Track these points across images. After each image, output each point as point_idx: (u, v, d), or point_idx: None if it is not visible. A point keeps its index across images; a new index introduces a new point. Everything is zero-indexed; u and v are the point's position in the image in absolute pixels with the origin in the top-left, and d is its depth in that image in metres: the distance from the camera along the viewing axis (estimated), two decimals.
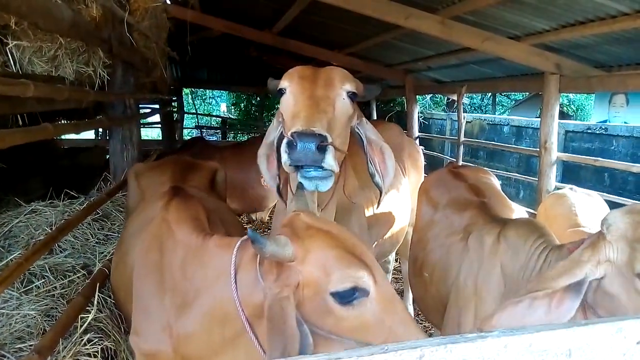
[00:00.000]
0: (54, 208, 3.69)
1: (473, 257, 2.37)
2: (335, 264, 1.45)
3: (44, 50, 3.38)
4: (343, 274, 1.43)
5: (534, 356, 0.86)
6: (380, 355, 0.79)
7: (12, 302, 2.61)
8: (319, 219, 1.62)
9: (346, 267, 1.44)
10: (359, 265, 1.46)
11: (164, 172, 2.84)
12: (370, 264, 1.49)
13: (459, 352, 0.82)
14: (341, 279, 1.42)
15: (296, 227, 1.55)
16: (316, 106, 1.98)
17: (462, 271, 2.40)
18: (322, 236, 1.51)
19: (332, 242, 1.49)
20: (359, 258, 1.48)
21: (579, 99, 17.35)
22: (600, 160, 5.36)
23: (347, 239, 1.52)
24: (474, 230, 2.50)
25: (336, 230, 1.55)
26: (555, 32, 4.63)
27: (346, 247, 1.49)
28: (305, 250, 1.47)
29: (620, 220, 1.64)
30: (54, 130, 2.42)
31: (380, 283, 1.47)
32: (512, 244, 2.16)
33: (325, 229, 1.54)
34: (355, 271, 1.44)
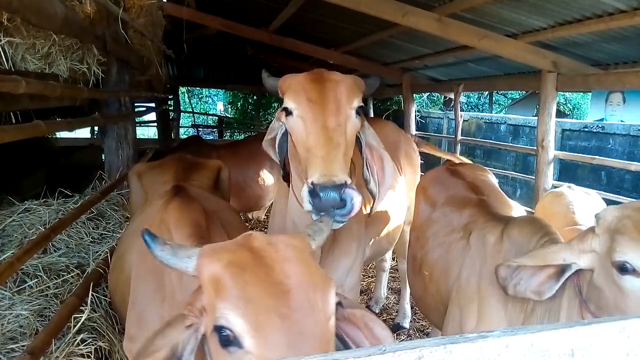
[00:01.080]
0: (48, 207, 3.65)
1: (475, 256, 2.36)
2: (225, 292, 1.21)
3: (37, 47, 3.34)
4: (220, 306, 1.20)
5: (536, 356, 0.83)
6: (378, 356, 0.77)
7: (5, 302, 2.58)
8: (272, 245, 1.34)
9: (225, 304, 1.20)
10: (245, 303, 1.19)
11: (166, 171, 2.81)
12: (266, 319, 1.17)
13: (459, 352, 0.80)
14: (218, 311, 1.21)
15: (237, 242, 1.36)
16: (331, 142, 1.91)
17: (463, 270, 2.38)
18: (242, 258, 1.27)
19: (249, 269, 1.24)
20: (261, 299, 1.19)
21: (575, 98, 17.38)
22: (598, 158, 5.36)
23: (268, 280, 1.23)
24: (474, 228, 2.48)
25: (268, 265, 1.27)
26: (553, 30, 4.62)
27: (260, 282, 1.22)
28: (210, 269, 1.27)
29: (609, 214, 1.73)
30: (47, 127, 2.39)
31: (270, 344, 1.15)
32: (516, 242, 2.16)
33: (258, 256, 1.29)
34: (228, 312, 1.18)
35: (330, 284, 1.30)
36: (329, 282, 1.30)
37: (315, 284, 1.26)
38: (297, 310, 1.19)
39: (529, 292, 1.87)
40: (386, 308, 5.15)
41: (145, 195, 2.73)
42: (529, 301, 2.00)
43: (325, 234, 1.56)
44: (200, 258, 1.30)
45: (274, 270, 1.25)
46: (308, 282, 1.25)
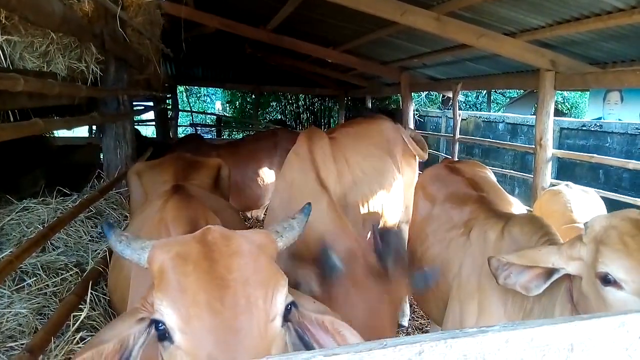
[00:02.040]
0: (47, 205, 3.64)
1: (476, 252, 2.37)
2: (164, 284, 1.19)
3: (36, 45, 3.33)
4: (157, 298, 1.18)
5: (536, 351, 0.84)
6: (379, 350, 0.77)
7: (4, 300, 2.58)
8: (226, 239, 1.30)
9: (160, 296, 1.18)
10: (178, 296, 1.15)
11: (166, 170, 2.81)
12: (207, 316, 1.13)
13: (459, 347, 0.80)
14: (155, 304, 1.18)
15: (192, 235, 1.33)
16: None
17: (464, 266, 2.40)
18: (190, 251, 1.24)
19: (196, 263, 1.21)
20: (201, 297, 1.14)
21: (573, 97, 17.41)
22: (596, 156, 5.37)
23: (208, 274, 1.19)
24: (475, 224, 2.50)
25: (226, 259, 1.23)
26: (551, 29, 4.62)
27: (199, 276, 1.18)
28: (157, 261, 1.24)
29: (597, 223, 1.75)
30: (45, 125, 2.38)
31: (197, 339, 1.11)
32: (517, 240, 2.17)
33: (212, 249, 1.25)
34: (161, 303, 1.16)
35: (280, 283, 1.25)
36: (279, 281, 1.25)
37: (260, 281, 1.21)
38: (231, 307, 1.14)
39: (518, 286, 1.91)
40: None
41: (145, 195, 2.73)
42: (528, 299, 2.02)
43: (297, 232, 1.51)
44: (152, 250, 1.29)
45: (218, 264, 1.21)
46: (252, 279, 1.20)
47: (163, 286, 1.20)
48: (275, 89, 14.51)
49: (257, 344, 1.14)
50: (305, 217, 1.60)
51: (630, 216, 1.73)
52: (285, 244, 1.46)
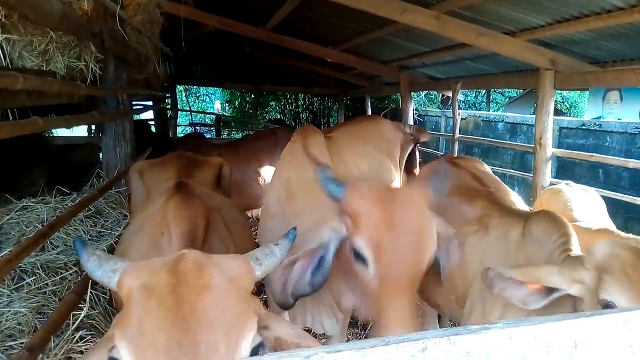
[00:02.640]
0: (46, 204, 3.63)
1: (497, 250, 2.42)
2: (126, 319, 1.17)
3: (35, 44, 3.31)
4: (116, 335, 1.15)
5: (539, 348, 0.83)
6: (382, 347, 0.77)
7: (3, 299, 2.57)
8: (199, 270, 1.27)
9: (120, 334, 1.15)
10: (136, 336, 1.12)
11: (168, 168, 2.80)
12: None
13: (462, 343, 0.79)
14: (115, 340, 1.16)
15: (166, 261, 1.29)
16: (412, 303, 1.87)
17: (484, 263, 2.41)
18: (158, 282, 1.20)
19: (157, 295, 1.17)
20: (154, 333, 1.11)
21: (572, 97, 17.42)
22: (596, 155, 5.37)
23: (171, 313, 1.15)
24: (490, 222, 2.55)
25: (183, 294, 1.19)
26: (551, 27, 4.62)
27: (161, 314, 1.15)
28: (126, 288, 1.22)
29: (599, 251, 1.84)
30: (44, 124, 2.37)
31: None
32: (537, 239, 2.24)
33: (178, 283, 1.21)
34: (120, 341, 1.13)
35: (247, 327, 1.20)
36: (246, 325, 1.21)
37: (225, 325, 1.16)
38: (190, 353, 1.10)
39: (514, 299, 1.98)
40: None
41: (147, 193, 2.72)
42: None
43: (278, 259, 1.47)
44: (122, 274, 1.24)
45: (184, 302, 1.16)
46: (216, 323, 1.15)
47: (124, 322, 1.16)
48: (274, 88, 14.52)
49: None
50: (289, 243, 1.55)
51: (632, 245, 1.82)
52: (264, 272, 1.42)
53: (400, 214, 1.89)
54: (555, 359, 0.84)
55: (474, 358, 0.80)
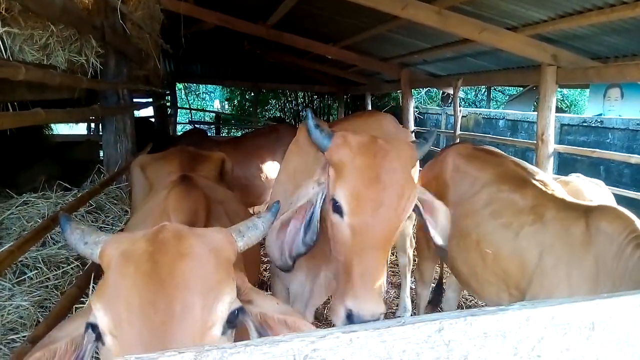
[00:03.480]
0: (47, 200, 3.61)
1: (559, 244, 2.41)
2: (103, 286, 1.18)
3: (35, 38, 3.29)
4: (94, 300, 1.16)
5: (557, 329, 0.82)
6: (398, 327, 0.75)
7: (5, 293, 2.55)
8: (178, 238, 1.28)
9: (96, 298, 1.16)
10: (112, 300, 1.13)
11: (171, 162, 2.77)
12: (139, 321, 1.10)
13: (480, 324, 0.78)
14: (93, 306, 1.17)
15: (147, 231, 1.30)
16: (381, 254, 1.86)
17: (546, 256, 2.42)
18: (137, 250, 1.22)
19: (136, 262, 1.18)
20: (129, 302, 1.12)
21: (573, 95, 17.42)
22: (598, 151, 5.36)
23: (147, 277, 1.16)
24: (546, 213, 2.54)
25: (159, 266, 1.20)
26: (553, 22, 4.60)
27: (137, 279, 1.16)
28: (106, 258, 1.23)
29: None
30: (46, 116, 2.35)
31: (126, 345, 1.10)
32: (606, 235, 2.24)
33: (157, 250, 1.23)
34: (95, 305, 1.14)
35: (224, 291, 1.21)
36: (223, 289, 1.21)
37: (201, 288, 1.17)
38: (164, 313, 1.10)
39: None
40: (386, 302, 5.14)
41: (149, 187, 2.69)
42: (619, 289, 2.07)
43: (261, 232, 1.47)
44: (103, 245, 1.25)
45: (161, 267, 1.17)
46: (193, 285, 1.16)
47: (101, 288, 1.17)
48: (274, 86, 14.48)
49: None
50: (272, 217, 1.55)
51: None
52: (247, 244, 1.42)
53: (384, 169, 1.88)
54: (573, 340, 0.82)
55: (491, 339, 0.78)
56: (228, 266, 1.29)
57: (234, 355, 0.68)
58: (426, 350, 0.75)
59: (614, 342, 0.84)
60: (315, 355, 0.71)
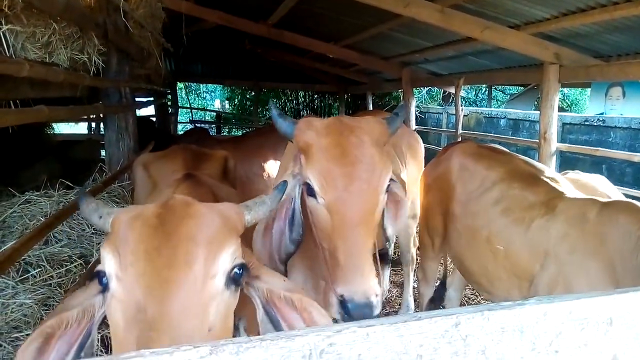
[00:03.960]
0: (49, 198, 3.60)
1: (574, 237, 2.39)
2: (112, 238, 1.23)
3: (38, 35, 3.27)
4: (103, 250, 1.22)
5: (574, 324, 0.81)
6: (414, 322, 0.74)
7: (8, 291, 2.54)
8: (186, 205, 1.33)
9: (105, 244, 1.22)
10: (119, 245, 1.19)
11: (174, 160, 2.77)
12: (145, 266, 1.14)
13: (497, 319, 0.77)
14: (101, 256, 1.23)
15: (160, 201, 1.34)
16: (364, 242, 1.75)
17: (561, 249, 2.40)
18: (147, 212, 1.27)
19: (144, 220, 1.23)
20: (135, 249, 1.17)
21: (573, 94, 17.39)
22: (601, 150, 5.34)
23: (154, 228, 1.22)
24: (558, 207, 2.52)
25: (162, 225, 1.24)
26: (556, 20, 4.59)
27: (144, 229, 1.21)
28: (117, 224, 1.27)
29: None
30: (49, 113, 2.34)
31: (129, 288, 1.13)
32: (623, 228, 2.22)
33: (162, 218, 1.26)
34: (104, 250, 1.21)
35: (228, 243, 1.25)
36: (227, 241, 1.26)
37: (205, 239, 1.21)
38: (168, 258, 1.15)
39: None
40: (389, 301, 5.13)
41: (153, 185, 2.68)
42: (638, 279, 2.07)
43: (268, 207, 1.52)
44: (116, 215, 1.30)
45: (168, 223, 1.22)
46: (197, 237, 1.21)
47: (110, 239, 1.23)
48: (274, 85, 14.47)
49: (190, 298, 1.13)
50: (280, 194, 1.60)
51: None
52: (254, 218, 1.46)
53: (351, 144, 1.82)
54: (591, 335, 0.81)
55: (509, 334, 0.77)
56: (234, 231, 1.33)
57: (250, 350, 0.67)
58: (443, 345, 0.74)
59: (631, 337, 0.83)
60: (331, 350, 0.70)
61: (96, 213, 1.34)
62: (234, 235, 1.31)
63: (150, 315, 1.08)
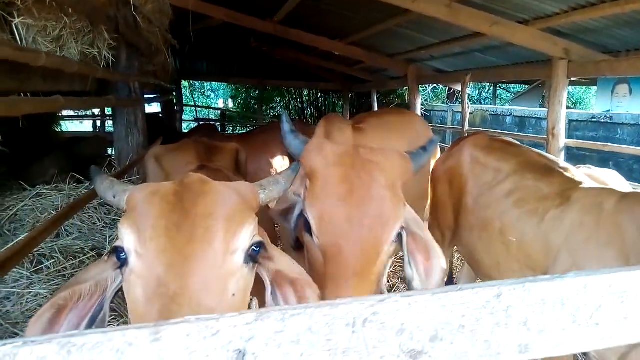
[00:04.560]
0: (60, 192, 3.61)
1: (589, 226, 2.37)
2: (130, 213, 1.23)
3: (49, 29, 3.28)
4: (121, 226, 1.22)
5: (614, 297, 0.80)
6: (456, 292, 0.74)
7: (23, 281, 2.55)
8: (203, 182, 1.34)
9: (123, 221, 1.22)
10: (139, 220, 1.19)
11: (187, 152, 2.77)
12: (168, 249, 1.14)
13: (538, 291, 0.77)
14: (119, 232, 1.24)
15: (176, 183, 1.33)
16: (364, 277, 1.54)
17: (576, 239, 2.38)
18: (164, 189, 1.28)
19: (161, 199, 1.23)
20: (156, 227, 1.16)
21: (578, 92, 17.36)
22: (610, 145, 5.31)
23: (172, 205, 1.22)
24: (573, 196, 2.50)
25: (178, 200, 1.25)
26: (566, 15, 4.57)
27: (163, 205, 1.21)
28: (133, 200, 1.27)
29: None
30: (65, 102, 2.35)
31: (149, 261, 1.13)
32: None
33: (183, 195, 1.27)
34: (123, 226, 1.20)
35: (247, 220, 1.26)
36: (246, 218, 1.26)
37: (224, 215, 1.22)
38: (188, 234, 1.15)
39: None
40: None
41: (165, 177, 2.68)
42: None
43: (282, 187, 1.51)
44: (131, 192, 1.30)
45: (186, 199, 1.22)
46: (216, 213, 1.21)
47: (128, 215, 1.23)
48: (279, 83, 14.47)
49: (210, 274, 1.13)
50: (293, 174, 1.58)
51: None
52: (269, 197, 1.46)
53: (361, 182, 1.61)
54: (631, 308, 0.81)
55: (549, 306, 0.77)
56: (250, 208, 1.34)
57: (295, 317, 0.66)
58: (485, 315, 0.74)
59: None
60: (375, 319, 0.70)
61: (111, 191, 1.35)
62: (251, 213, 1.32)
63: (172, 290, 1.08)
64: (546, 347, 0.75)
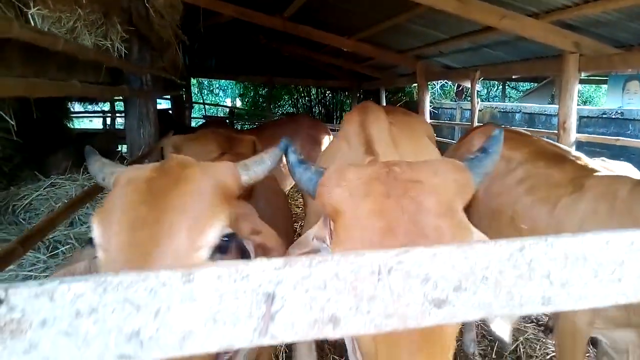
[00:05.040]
0: (74, 182, 3.65)
1: (602, 213, 2.37)
2: (104, 205, 1.23)
3: (63, 20, 3.33)
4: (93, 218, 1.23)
5: (637, 254, 0.81)
6: (480, 245, 0.75)
7: (39, 265, 2.59)
8: (182, 166, 1.32)
9: (95, 213, 1.23)
10: (107, 214, 1.17)
11: (208, 142, 2.80)
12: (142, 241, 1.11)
13: (560, 246, 0.77)
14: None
15: (157, 163, 1.34)
16: None
17: (588, 226, 2.39)
18: (141, 175, 1.27)
19: (140, 184, 1.24)
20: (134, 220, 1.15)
21: (588, 91, 17.24)
22: (622, 139, 5.28)
23: (142, 196, 1.21)
24: (586, 184, 2.49)
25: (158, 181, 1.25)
26: (577, 8, 4.54)
27: (132, 196, 1.21)
28: (115, 184, 1.28)
29: None
30: (82, 88, 2.38)
31: (111, 255, 1.12)
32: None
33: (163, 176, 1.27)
34: (93, 220, 1.19)
35: (217, 217, 1.21)
36: (216, 215, 1.21)
37: (193, 210, 1.18)
38: (153, 230, 1.12)
39: None
40: None
41: None
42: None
43: (267, 166, 1.46)
44: (118, 174, 1.30)
45: (156, 189, 1.21)
46: (185, 207, 1.18)
47: (101, 207, 1.24)
48: (288, 80, 14.48)
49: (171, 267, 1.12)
50: (280, 152, 1.52)
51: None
52: (252, 178, 1.41)
53: (407, 213, 1.15)
54: None
55: (572, 260, 0.77)
56: (226, 196, 1.31)
57: (322, 264, 0.68)
58: (508, 268, 0.75)
59: None
60: (399, 268, 0.71)
61: (101, 173, 1.36)
62: (226, 202, 1.28)
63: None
64: (568, 300, 0.76)
